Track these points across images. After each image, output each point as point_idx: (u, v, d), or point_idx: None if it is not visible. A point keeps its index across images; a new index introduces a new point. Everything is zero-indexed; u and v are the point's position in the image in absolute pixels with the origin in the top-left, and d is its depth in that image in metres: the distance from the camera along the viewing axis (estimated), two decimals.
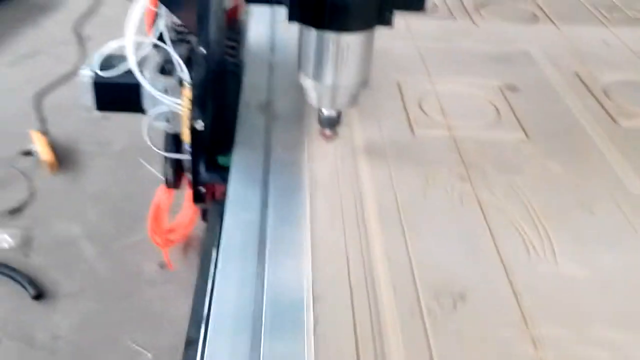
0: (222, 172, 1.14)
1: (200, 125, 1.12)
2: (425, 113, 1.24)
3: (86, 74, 1.33)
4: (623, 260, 0.91)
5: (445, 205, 0.98)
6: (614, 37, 1.67)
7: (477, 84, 1.37)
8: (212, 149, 1.18)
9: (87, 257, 2.37)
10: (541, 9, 1.84)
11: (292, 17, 0.91)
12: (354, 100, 1.02)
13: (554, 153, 1.13)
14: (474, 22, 1.73)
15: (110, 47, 1.31)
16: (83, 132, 3.12)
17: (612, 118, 1.27)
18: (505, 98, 1.32)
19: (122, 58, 1.26)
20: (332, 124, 1.07)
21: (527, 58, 1.53)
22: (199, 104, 1.12)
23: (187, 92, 1.16)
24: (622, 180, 1.08)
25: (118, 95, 1.33)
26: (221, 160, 1.18)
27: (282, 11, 0.91)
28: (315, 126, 1.11)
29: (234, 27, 1.53)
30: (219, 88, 1.26)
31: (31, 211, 2.58)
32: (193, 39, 1.19)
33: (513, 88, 1.37)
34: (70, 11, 4.67)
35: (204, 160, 1.17)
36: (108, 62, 1.32)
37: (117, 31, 1.27)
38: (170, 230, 2.26)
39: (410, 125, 1.19)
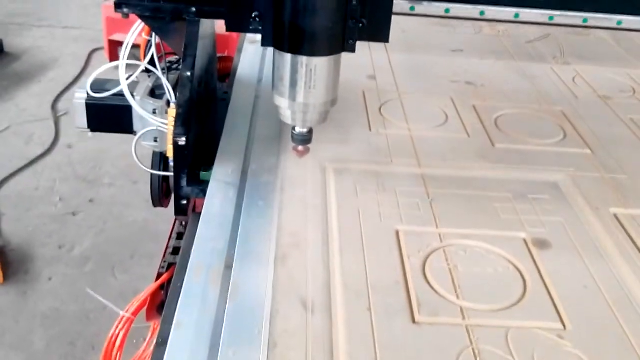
0: (203, 186, 1.30)
1: (182, 141, 1.26)
2: (432, 286, 1.03)
3: (80, 95, 1.48)
4: None
5: None
6: None
7: (498, 237, 1.17)
8: (195, 164, 1.34)
9: None
10: (569, 121, 1.66)
11: (265, 43, 1.09)
12: (323, 118, 1.18)
13: (603, 354, 0.91)
14: (490, 139, 1.55)
15: (103, 70, 1.46)
16: (43, 231, 2.92)
17: None
18: (533, 260, 1.11)
19: (115, 82, 1.43)
20: (304, 140, 1.22)
21: (557, 193, 1.33)
22: (182, 121, 1.28)
23: (172, 112, 1.31)
24: None
25: (110, 116, 1.49)
26: (203, 175, 1.34)
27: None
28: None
29: (227, 66, 1.87)
30: (204, 109, 1.51)
31: None
32: (181, 65, 1.35)
33: (543, 244, 1.16)
34: (51, 82, 4.57)
35: (186, 174, 1.31)
36: (101, 85, 1.47)
37: None
38: None
39: (411, 309, 0.97)
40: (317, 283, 1.00)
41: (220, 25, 2.34)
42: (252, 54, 1.95)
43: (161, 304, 1.65)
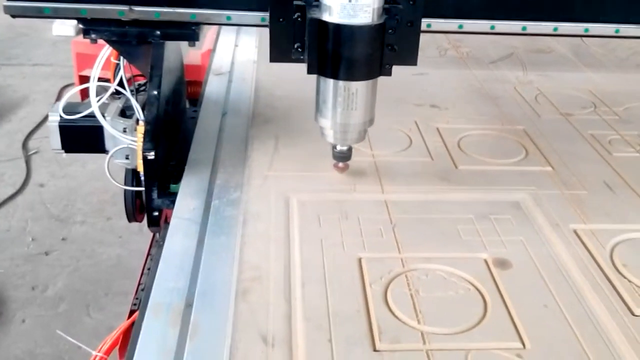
0: (173, 197, 1.38)
1: (151, 155, 1.36)
2: (393, 313, 1.04)
3: (53, 118, 1.57)
4: None
5: None
6: (617, 177, 1.52)
7: (459, 259, 1.19)
8: (166, 177, 1.46)
9: None
10: (531, 140, 1.70)
11: (310, 71, 1.21)
12: (362, 136, 1.34)
13: None
14: (453, 162, 1.57)
15: (73, 93, 1.63)
16: (15, 272, 2.90)
17: (626, 305, 1.08)
18: (494, 280, 1.13)
19: (86, 104, 1.54)
20: (344, 158, 1.39)
21: (517, 212, 1.36)
22: (151, 137, 1.39)
23: (141, 129, 1.42)
24: None
25: (82, 137, 1.57)
26: (173, 187, 1.45)
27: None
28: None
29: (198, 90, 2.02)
30: (173, 127, 1.64)
31: None
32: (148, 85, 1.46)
33: (503, 264, 1.19)
34: (21, 121, 4.56)
35: (157, 187, 1.42)
36: (73, 108, 1.57)
37: None
38: None
39: (372, 337, 0.99)
40: (278, 317, 1.01)
41: (190, 55, 2.40)
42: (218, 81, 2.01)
43: None
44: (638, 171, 1.55)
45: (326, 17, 1.16)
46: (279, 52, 1.23)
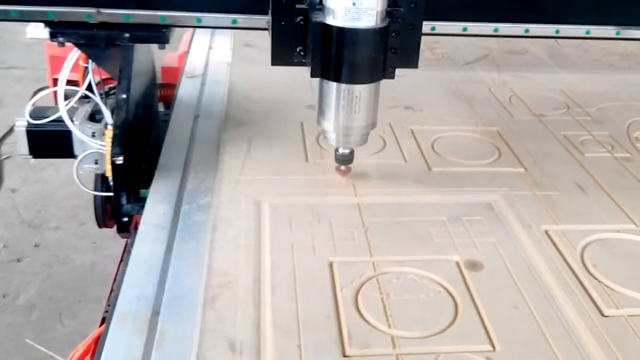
0: (143, 203, 1.36)
1: (120, 160, 1.37)
2: (363, 317, 1.04)
3: (20, 123, 1.55)
4: None
5: None
6: (589, 178, 1.53)
7: (431, 262, 1.19)
8: (136, 182, 1.45)
9: None
10: (505, 141, 1.71)
11: (314, 74, 1.22)
12: (364, 139, 1.35)
13: None
14: (427, 164, 1.58)
15: (40, 96, 1.62)
16: None
17: (595, 305, 1.09)
18: (465, 282, 1.14)
19: (54, 108, 1.52)
20: (346, 161, 1.39)
21: (490, 214, 1.36)
22: (119, 142, 1.39)
23: (109, 133, 1.41)
24: None
25: (50, 141, 1.55)
26: (142, 192, 1.43)
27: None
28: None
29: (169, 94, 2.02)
30: (144, 131, 1.64)
31: None
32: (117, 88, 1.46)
33: (475, 265, 1.19)
34: None
35: (126, 192, 1.42)
36: (41, 112, 1.55)
37: None
38: None
39: (341, 342, 0.98)
40: (246, 323, 1.00)
41: (167, 57, 2.37)
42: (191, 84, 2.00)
43: None
44: (609, 172, 1.56)
45: (330, 21, 1.16)
46: (281, 55, 1.23)
